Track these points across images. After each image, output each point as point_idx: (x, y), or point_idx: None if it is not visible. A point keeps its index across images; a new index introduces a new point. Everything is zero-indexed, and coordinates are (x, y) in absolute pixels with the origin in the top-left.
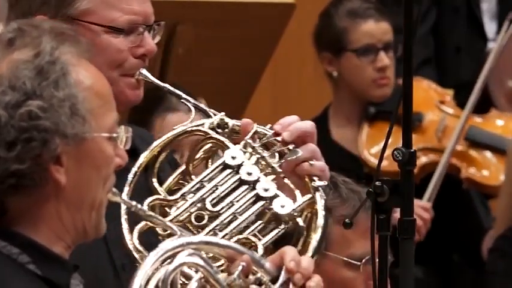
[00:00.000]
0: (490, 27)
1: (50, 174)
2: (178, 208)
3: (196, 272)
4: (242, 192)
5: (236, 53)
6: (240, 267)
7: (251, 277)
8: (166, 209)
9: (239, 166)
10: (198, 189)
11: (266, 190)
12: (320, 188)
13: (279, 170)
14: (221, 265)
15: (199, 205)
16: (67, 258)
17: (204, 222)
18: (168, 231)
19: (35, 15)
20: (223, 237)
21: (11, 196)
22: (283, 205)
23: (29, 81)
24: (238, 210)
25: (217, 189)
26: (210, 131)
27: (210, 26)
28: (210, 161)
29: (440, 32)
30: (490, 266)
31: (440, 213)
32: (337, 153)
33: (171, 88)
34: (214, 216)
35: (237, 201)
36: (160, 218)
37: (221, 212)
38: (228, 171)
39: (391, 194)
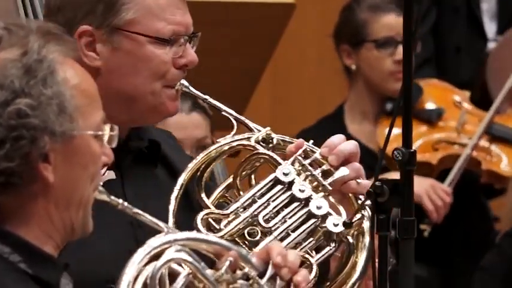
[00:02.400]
0: (490, 27)
1: (38, 172)
2: (229, 223)
3: (184, 268)
4: (294, 208)
5: (236, 53)
6: (227, 263)
7: (239, 272)
8: (214, 223)
9: (291, 182)
10: (250, 205)
11: (319, 208)
12: (366, 207)
13: (330, 187)
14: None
15: (251, 220)
16: (56, 257)
17: (258, 238)
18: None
19: (80, 24)
20: None
21: (0, 195)
22: (336, 223)
23: (17, 79)
24: (291, 227)
25: (269, 204)
26: (258, 146)
27: (210, 26)
28: (253, 176)
29: (440, 32)
30: (487, 261)
31: (449, 213)
32: None
33: (212, 100)
34: (266, 232)
35: (290, 217)
36: (147, 215)
37: (274, 228)
38: (280, 187)
39: (391, 194)
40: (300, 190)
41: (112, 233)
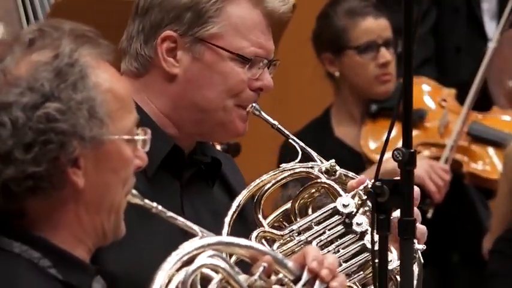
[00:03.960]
0: (490, 27)
1: (67, 177)
2: (282, 244)
3: (217, 273)
4: (349, 240)
5: None
6: (261, 268)
7: (273, 277)
8: (268, 243)
9: (349, 214)
10: (306, 230)
11: None
12: (419, 252)
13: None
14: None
15: (304, 245)
16: (88, 261)
17: None
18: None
19: (165, 29)
20: None
21: (29, 199)
22: (388, 260)
23: (48, 83)
24: (343, 257)
25: (324, 233)
26: (322, 176)
27: None
28: (311, 205)
29: (440, 32)
30: (490, 267)
31: (440, 213)
32: (340, 150)
33: (281, 127)
34: None
35: (343, 248)
36: (181, 218)
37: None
38: (337, 217)
39: (391, 194)
40: (357, 223)
41: (166, 240)
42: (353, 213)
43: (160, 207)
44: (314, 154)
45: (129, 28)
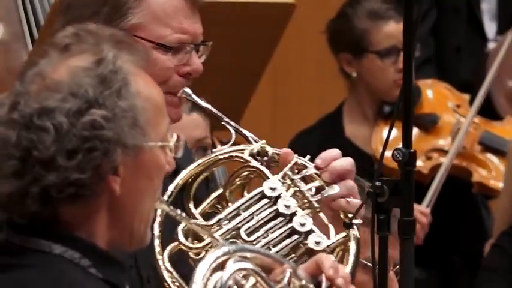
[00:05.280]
0: (490, 27)
1: (107, 185)
2: (211, 235)
3: (246, 279)
4: (278, 224)
5: (236, 53)
6: (287, 274)
7: (297, 283)
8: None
9: (277, 197)
10: (234, 217)
11: (302, 225)
12: (354, 226)
13: (316, 205)
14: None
15: (233, 233)
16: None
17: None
18: (200, 256)
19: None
20: None
21: (66, 205)
22: (318, 241)
23: (91, 89)
24: (272, 242)
25: (253, 218)
26: (250, 159)
27: (210, 26)
28: (246, 188)
29: (440, 32)
30: (488, 260)
31: (443, 215)
32: (350, 151)
33: (213, 109)
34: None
35: (272, 232)
36: (203, 225)
37: (255, 241)
38: (265, 201)
39: (391, 194)
40: (285, 206)
41: None
42: (281, 195)
43: (184, 214)
44: (249, 135)
45: (55, 25)
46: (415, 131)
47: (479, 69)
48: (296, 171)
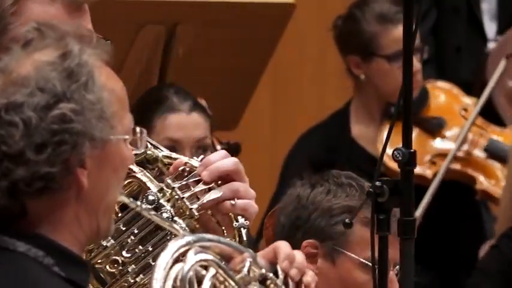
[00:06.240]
0: (490, 27)
1: (75, 178)
2: (99, 253)
3: (206, 269)
4: (155, 235)
5: (236, 53)
6: (247, 263)
7: (257, 271)
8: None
9: (156, 209)
10: (115, 232)
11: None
12: (244, 227)
13: (196, 213)
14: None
15: (116, 250)
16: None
17: (120, 268)
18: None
19: None
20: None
21: (34, 199)
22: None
23: (59, 83)
24: (153, 254)
25: (132, 234)
26: (135, 168)
27: (210, 26)
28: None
29: (440, 32)
30: (484, 262)
31: (444, 217)
32: (355, 153)
33: None
34: (128, 263)
35: (152, 246)
36: (164, 218)
37: (133, 258)
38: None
39: (391, 194)
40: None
41: None
42: (158, 205)
43: (144, 206)
44: (156, 144)
45: None
46: (422, 134)
47: (479, 69)
48: (186, 175)
